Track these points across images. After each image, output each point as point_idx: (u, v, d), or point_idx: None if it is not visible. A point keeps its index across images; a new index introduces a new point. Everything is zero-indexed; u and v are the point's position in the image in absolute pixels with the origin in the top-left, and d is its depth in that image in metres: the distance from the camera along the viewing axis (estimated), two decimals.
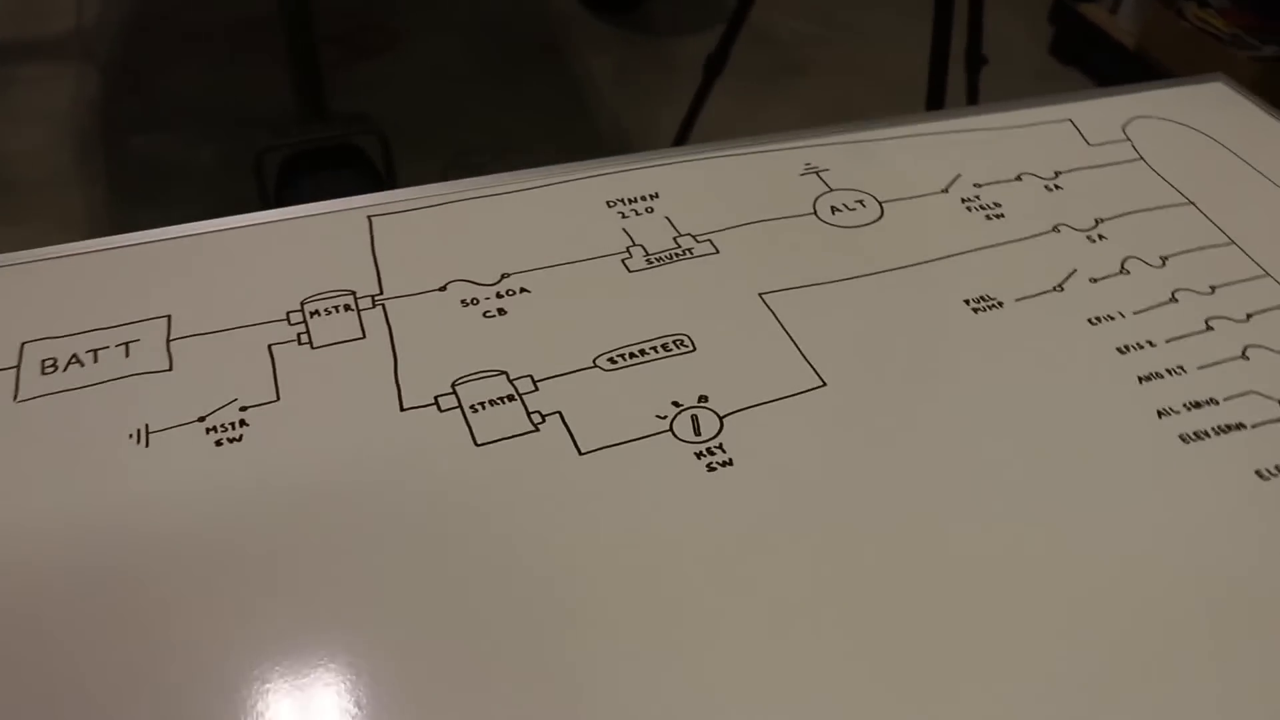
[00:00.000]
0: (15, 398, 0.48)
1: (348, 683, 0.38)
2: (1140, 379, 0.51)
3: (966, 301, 0.55)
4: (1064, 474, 0.46)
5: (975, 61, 1.12)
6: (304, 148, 1.15)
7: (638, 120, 1.74)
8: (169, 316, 0.52)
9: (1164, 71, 1.69)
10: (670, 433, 0.47)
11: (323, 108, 1.18)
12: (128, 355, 0.50)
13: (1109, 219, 0.61)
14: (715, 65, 1.27)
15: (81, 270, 0.55)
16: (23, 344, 0.51)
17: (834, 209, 0.60)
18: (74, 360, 0.50)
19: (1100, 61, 1.88)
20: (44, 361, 0.50)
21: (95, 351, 0.50)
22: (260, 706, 0.37)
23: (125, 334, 0.51)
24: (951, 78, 1.19)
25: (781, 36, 1.91)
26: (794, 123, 1.72)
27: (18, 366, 0.50)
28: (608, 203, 0.59)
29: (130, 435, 0.46)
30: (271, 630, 0.39)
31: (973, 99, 1.14)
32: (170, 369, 0.49)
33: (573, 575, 0.41)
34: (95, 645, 0.38)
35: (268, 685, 0.37)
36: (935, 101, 1.13)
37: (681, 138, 1.37)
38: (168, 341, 0.51)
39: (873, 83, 1.86)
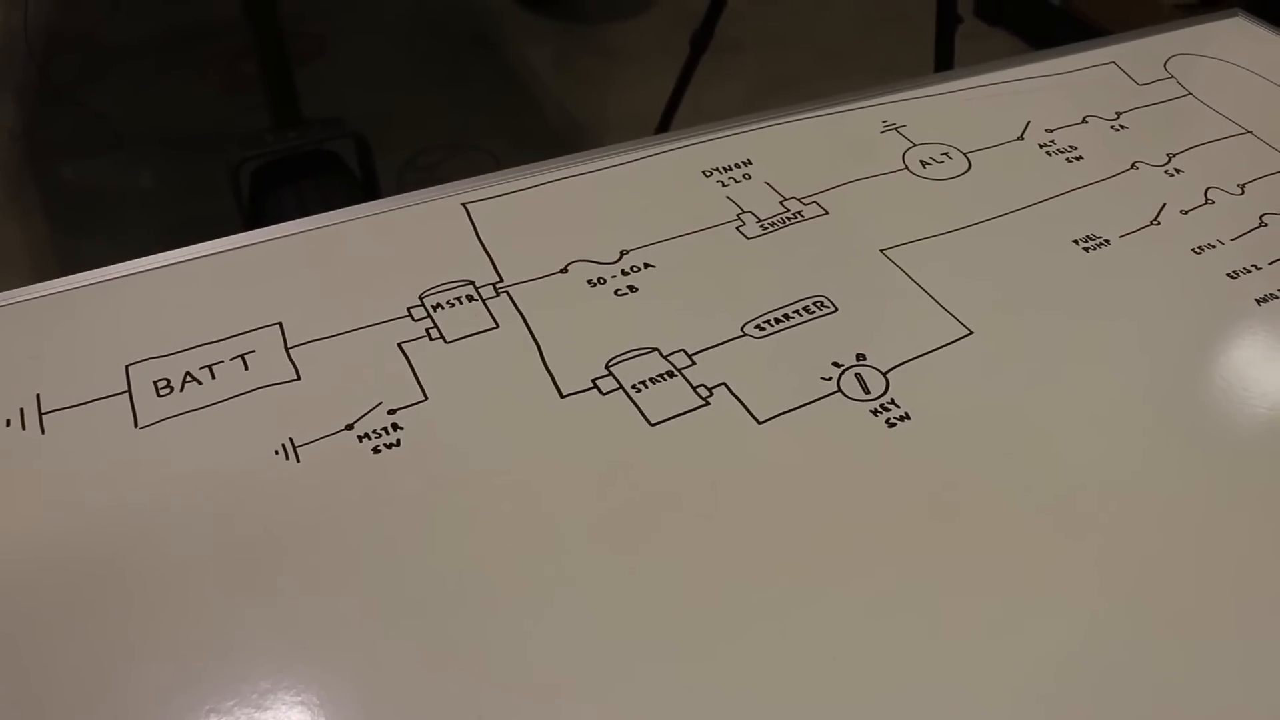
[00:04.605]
0: (136, 424, 0.45)
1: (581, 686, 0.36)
2: (1258, 301, 0.52)
3: (1075, 242, 0.55)
4: (1214, 399, 0.46)
5: (950, 21, 1.12)
6: (279, 157, 1.11)
7: (585, 108, 1.72)
8: (280, 324, 0.49)
9: (1092, 26, 1.73)
10: (840, 393, 0.46)
11: (298, 112, 1.14)
12: (247, 368, 0.47)
13: (1179, 153, 0.62)
14: (701, 42, 1.25)
15: (169, 284, 0.51)
16: (127, 366, 0.47)
17: (923, 163, 0.59)
18: (190, 379, 0.47)
19: (1026, 20, 1.92)
20: (156, 383, 0.47)
21: (210, 367, 0.47)
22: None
23: (238, 346, 0.48)
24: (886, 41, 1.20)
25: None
26: (741, 100, 1.73)
27: (129, 391, 0.46)
28: (704, 172, 0.57)
29: (276, 451, 0.44)
30: (489, 641, 0.37)
31: (947, 61, 1.15)
32: (299, 378, 0.47)
33: (793, 547, 0.40)
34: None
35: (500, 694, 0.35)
36: (944, 63, 1.13)
37: (670, 113, 1.36)
38: (287, 349, 0.48)
39: (808, 52, 1.87)
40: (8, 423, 0.45)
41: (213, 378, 0.47)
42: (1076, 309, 0.51)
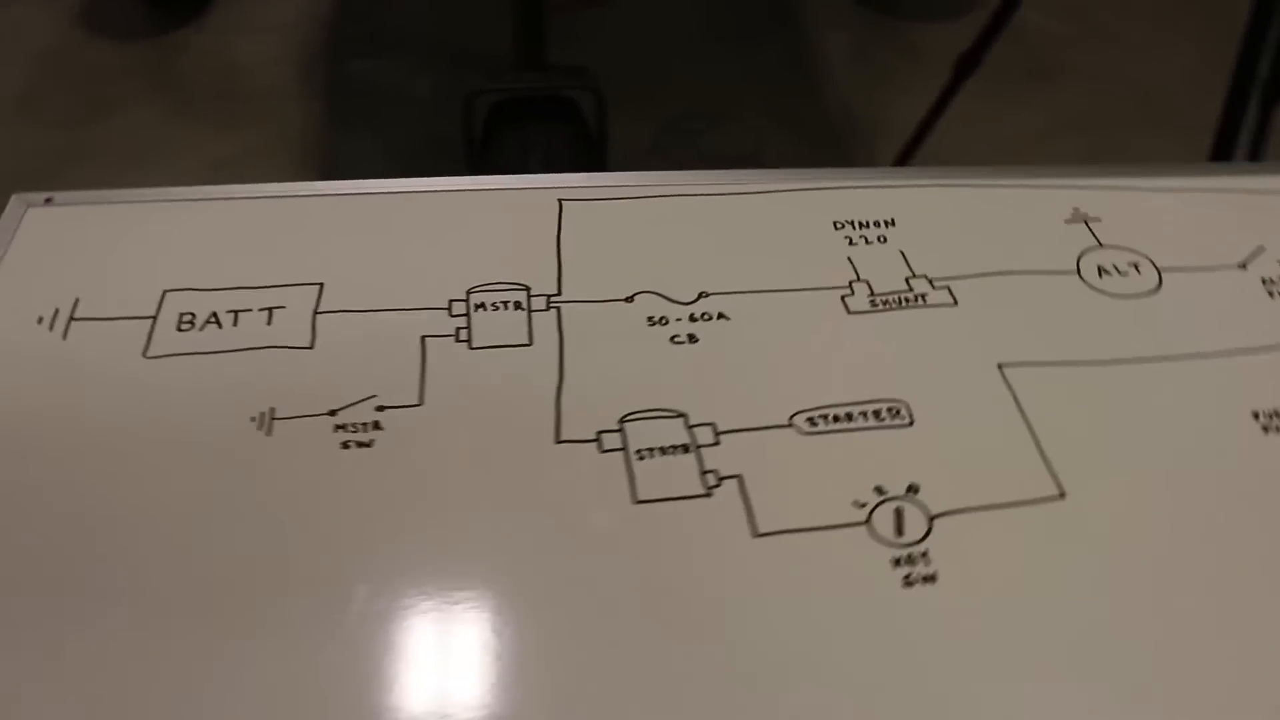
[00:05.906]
0: (145, 352, 0.44)
1: None
2: None
3: (1256, 415, 0.44)
4: None
5: (1276, 92, 0.95)
6: (516, 95, 1.10)
7: (869, 107, 1.62)
8: (321, 285, 0.47)
9: None
10: (867, 526, 0.38)
11: (542, 56, 1.12)
12: (270, 323, 0.45)
13: None
14: (967, 65, 1.15)
15: (239, 217, 0.50)
16: (164, 291, 0.46)
17: (1102, 270, 0.49)
18: (212, 320, 0.45)
19: None
20: (181, 316, 0.45)
21: (236, 314, 0.45)
22: None
23: (272, 298, 0.46)
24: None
25: (1030, 34, 1.75)
26: (1037, 131, 1.58)
27: (155, 317, 0.45)
28: (835, 223, 0.50)
29: (253, 419, 0.41)
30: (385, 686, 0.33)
31: (1228, 146, 0.98)
32: (311, 346, 0.44)
33: (737, 688, 0.33)
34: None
35: None
36: (1227, 139, 0.97)
37: (918, 138, 1.25)
38: (314, 313, 0.45)
39: (1126, 95, 1.69)
40: (39, 320, 0.45)
41: (234, 324, 0.45)
42: (1224, 507, 0.40)
